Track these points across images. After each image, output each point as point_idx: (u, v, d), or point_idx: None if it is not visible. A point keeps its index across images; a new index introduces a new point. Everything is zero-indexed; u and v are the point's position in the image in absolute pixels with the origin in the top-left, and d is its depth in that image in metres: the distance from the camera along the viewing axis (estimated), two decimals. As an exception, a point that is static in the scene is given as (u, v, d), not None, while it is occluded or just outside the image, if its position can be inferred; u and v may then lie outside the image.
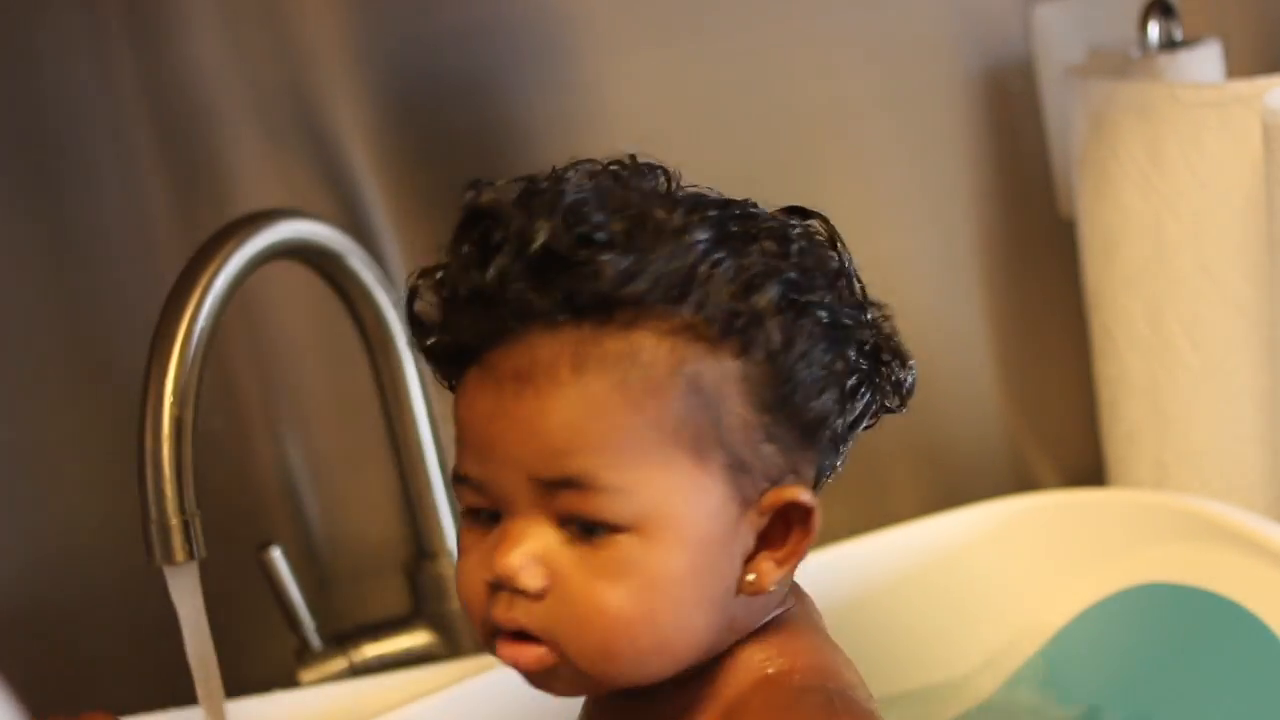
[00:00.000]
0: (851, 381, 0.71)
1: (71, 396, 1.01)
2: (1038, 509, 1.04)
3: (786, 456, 0.70)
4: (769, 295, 0.68)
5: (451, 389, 0.71)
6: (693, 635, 0.69)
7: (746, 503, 0.69)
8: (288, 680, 1.03)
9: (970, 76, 1.18)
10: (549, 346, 0.67)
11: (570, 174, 0.71)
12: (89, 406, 1.02)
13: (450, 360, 0.70)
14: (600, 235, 0.66)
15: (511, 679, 0.71)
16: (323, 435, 1.07)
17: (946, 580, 1.04)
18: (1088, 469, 1.22)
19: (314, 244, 0.94)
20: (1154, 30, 1.11)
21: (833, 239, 0.73)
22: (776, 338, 0.68)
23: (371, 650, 1.05)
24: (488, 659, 1.00)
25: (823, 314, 0.69)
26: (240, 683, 0.93)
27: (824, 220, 0.73)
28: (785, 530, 0.70)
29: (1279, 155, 0.97)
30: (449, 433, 1.05)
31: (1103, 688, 0.96)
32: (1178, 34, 1.11)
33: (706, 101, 1.11)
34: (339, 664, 1.04)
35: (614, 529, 0.67)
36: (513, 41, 1.06)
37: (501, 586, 0.68)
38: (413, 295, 0.71)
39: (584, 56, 1.08)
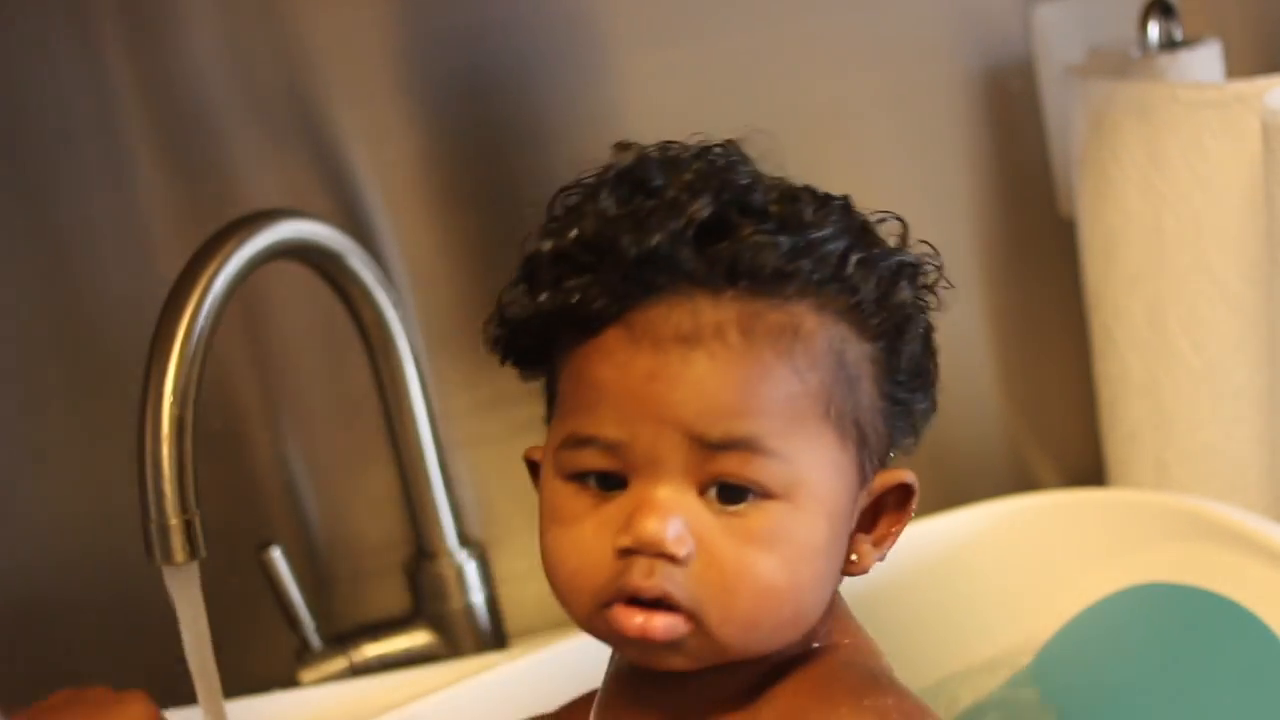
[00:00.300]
0: (935, 384, 0.78)
1: (72, 396, 1.01)
2: (1038, 509, 1.04)
3: (890, 442, 0.74)
4: (905, 292, 0.74)
5: (526, 357, 0.73)
6: (819, 607, 0.72)
7: (864, 482, 0.72)
8: (288, 680, 1.03)
9: (970, 76, 1.18)
10: (714, 312, 0.69)
11: (700, 150, 0.73)
12: (89, 406, 1.01)
13: (576, 324, 0.70)
14: (764, 211, 0.71)
15: (511, 679, 0.70)
16: (323, 435, 1.07)
17: (946, 580, 1.04)
18: (1088, 469, 1.22)
19: (314, 244, 0.94)
20: (1154, 30, 1.11)
21: (904, 239, 0.77)
22: (905, 330, 0.74)
23: (371, 650, 1.05)
24: (488, 659, 1.00)
25: (925, 322, 0.76)
26: (240, 683, 0.93)
27: (902, 222, 0.77)
28: (878, 513, 0.74)
29: (1279, 155, 0.97)
30: (449, 433, 1.05)
31: (1102, 687, 0.96)
32: (1178, 34, 1.11)
33: (707, 101, 1.11)
34: (339, 664, 1.04)
35: (766, 495, 0.68)
36: (513, 42, 1.06)
37: (639, 552, 0.68)
38: (542, 249, 0.71)
39: (586, 57, 1.08)
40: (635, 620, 0.68)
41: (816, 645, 0.73)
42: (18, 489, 1.01)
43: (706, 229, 0.69)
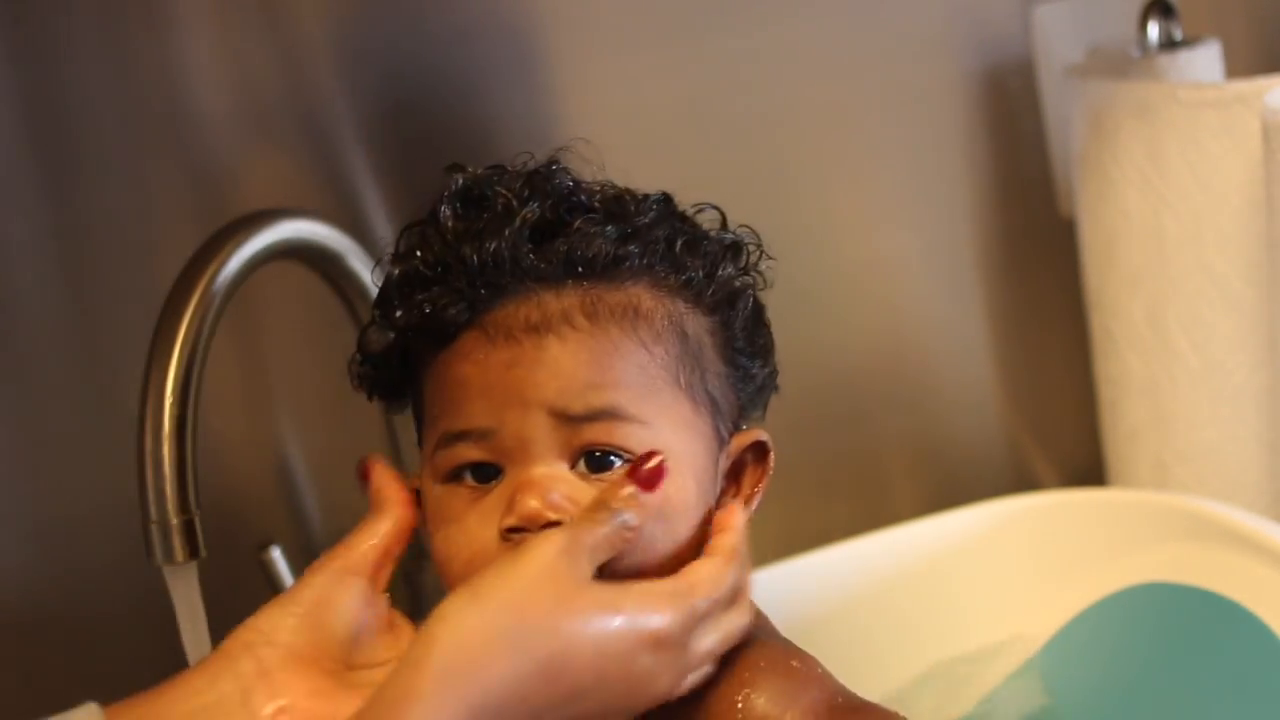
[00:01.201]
0: (772, 353, 0.83)
1: (71, 396, 1.01)
2: (1038, 509, 1.04)
3: (740, 408, 0.80)
4: (729, 270, 0.79)
5: (391, 389, 0.80)
6: (686, 563, 0.75)
7: (721, 443, 0.78)
8: (288, 680, 1.03)
9: (970, 76, 1.18)
10: (558, 302, 0.75)
11: (527, 164, 0.80)
12: (89, 406, 1.01)
13: (431, 335, 0.76)
14: (590, 208, 0.77)
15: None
16: (323, 435, 1.07)
17: (946, 580, 1.04)
18: (1088, 469, 1.22)
19: (314, 244, 0.93)
20: (1154, 30, 1.11)
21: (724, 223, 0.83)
22: (735, 302, 0.79)
23: (371, 650, 1.04)
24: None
25: (753, 294, 0.81)
26: (240, 683, 0.93)
27: (719, 211, 0.83)
28: (740, 473, 0.79)
29: (1279, 155, 0.97)
30: (449, 433, 1.05)
31: (1102, 687, 0.96)
32: (1178, 34, 1.11)
33: (707, 102, 1.11)
34: (339, 664, 1.03)
35: (630, 462, 0.73)
36: (514, 41, 1.06)
37: (524, 530, 0.72)
38: (392, 275, 0.77)
39: (586, 57, 1.08)
40: None
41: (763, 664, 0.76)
42: (18, 489, 1.01)
43: (540, 230, 0.76)
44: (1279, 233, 0.99)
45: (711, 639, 0.73)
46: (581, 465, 0.74)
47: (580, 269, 0.75)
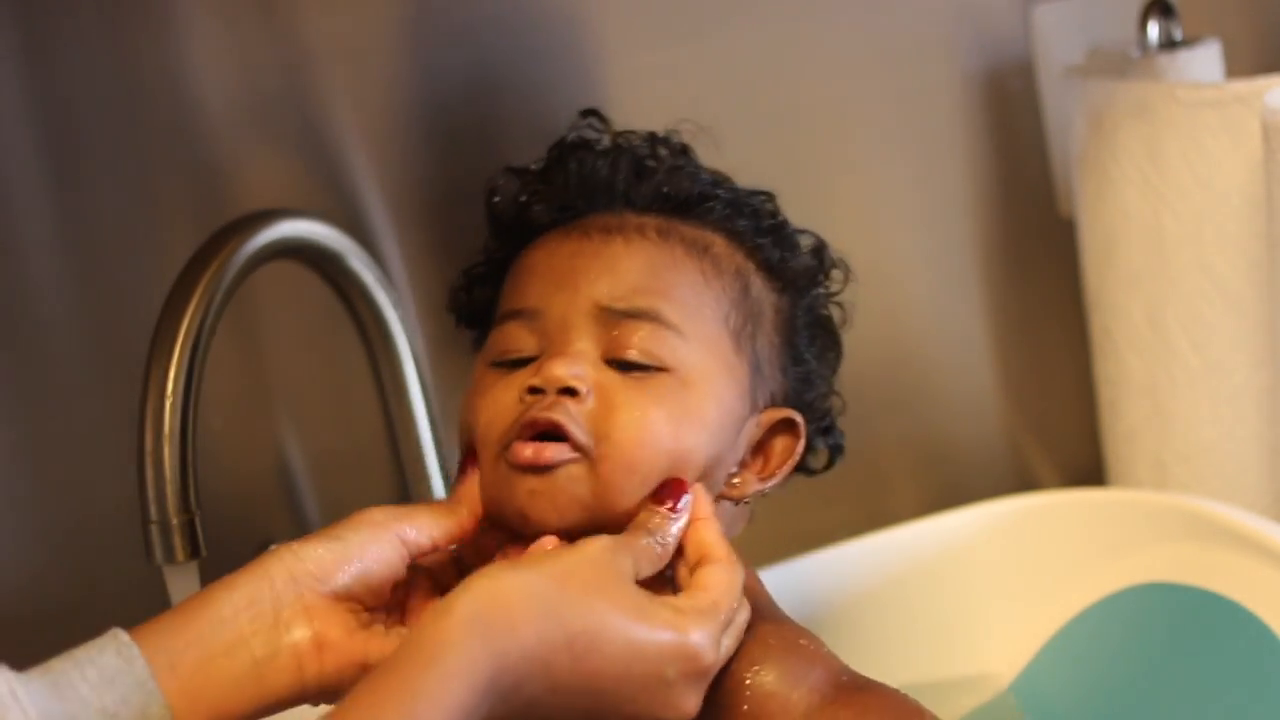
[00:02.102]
0: (831, 374, 0.87)
1: (71, 396, 1.01)
2: (1038, 509, 1.04)
3: (785, 392, 0.82)
4: (805, 260, 0.85)
5: (501, 265, 0.84)
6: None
7: (754, 408, 0.80)
8: (288, 680, 1.03)
9: (970, 76, 1.18)
10: (638, 219, 0.81)
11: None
12: (89, 406, 1.01)
13: (521, 229, 0.83)
14: (694, 162, 0.85)
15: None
16: (323, 435, 1.07)
17: (946, 580, 1.04)
18: (1088, 469, 1.22)
19: (314, 244, 0.93)
20: (1154, 30, 1.11)
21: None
22: (805, 293, 0.84)
23: (371, 650, 1.04)
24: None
25: (824, 301, 0.86)
26: (240, 683, 0.93)
27: (819, 237, 0.88)
28: (767, 454, 0.81)
29: (1278, 155, 0.97)
30: (449, 433, 1.05)
31: (1103, 687, 0.96)
32: (1177, 34, 1.11)
33: (706, 102, 1.11)
34: (339, 664, 1.03)
35: (661, 369, 0.76)
36: (513, 41, 1.06)
37: (543, 391, 0.75)
38: (505, 172, 0.86)
39: (586, 57, 1.08)
40: (527, 450, 0.74)
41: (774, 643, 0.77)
42: (18, 489, 1.01)
43: (642, 165, 0.84)
44: (1279, 233, 0.99)
45: (729, 643, 0.74)
46: (619, 365, 0.76)
47: (666, 199, 0.82)
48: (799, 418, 0.81)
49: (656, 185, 0.82)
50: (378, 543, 0.75)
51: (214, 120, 1.02)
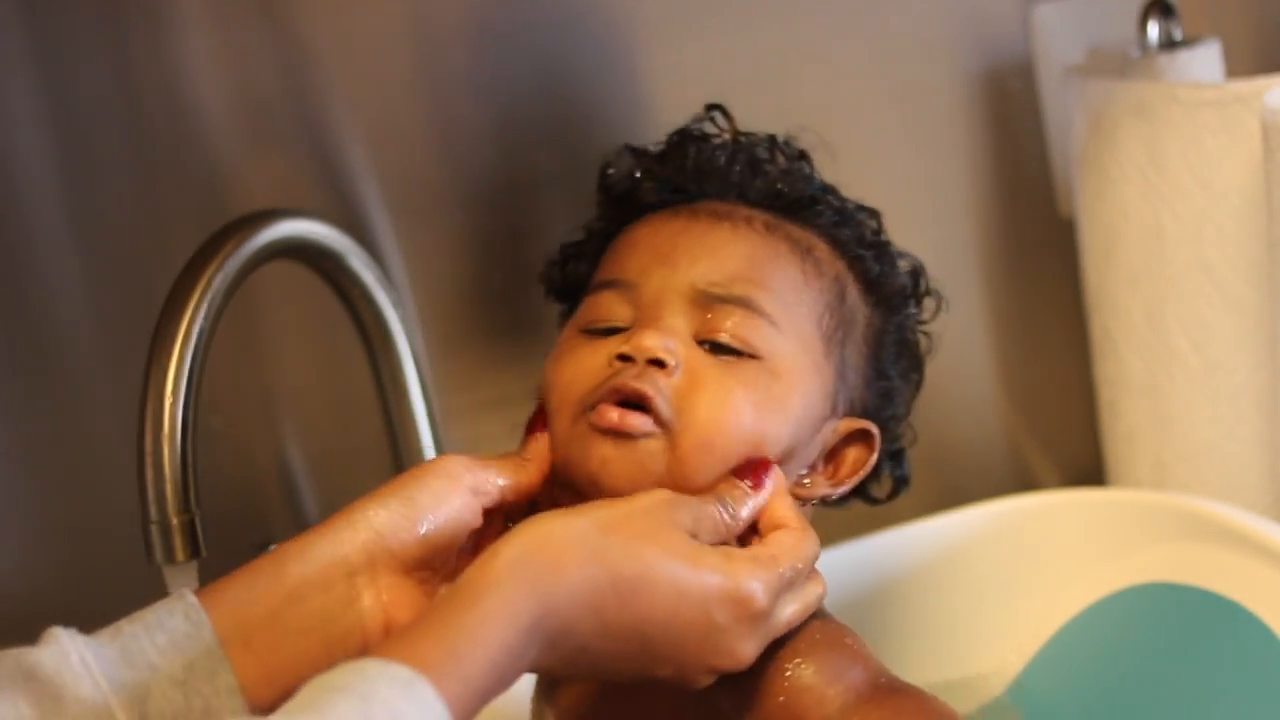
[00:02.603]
0: (911, 398, 0.88)
1: (72, 396, 1.01)
2: (1038, 509, 1.04)
3: (865, 405, 0.83)
4: (904, 280, 0.86)
5: (603, 238, 0.84)
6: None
7: (834, 411, 0.81)
8: (288, 680, 1.03)
9: (970, 76, 1.18)
10: (748, 210, 0.82)
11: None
12: (89, 406, 1.01)
13: (631, 205, 0.84)
14: (804, 157, 0.87)
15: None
16: (323, 435, 1.07)
17: (946, 581, 1.04)
18: (1088, 469, 1.22)
19: (314, 244, 0.93)
20: (1154, 30, 1.11)
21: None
22: (897, 311, 0.85)
23: (371, 650, 1.04)
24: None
25: (911, 329, 0.87)
26: (240, 683, 0.93)
27: (918, 262, 0.90)
28: (839, 461, 0.82)
29: (1279, 155, 0.97)
30: (449, 433, 1.05)
31: (1103, 687, 0.96)
32: (1177, 34, 1.11)
33: (704, 103, 1.11)
34: (339, 664, 1.03)
35: (751, 355, 0.76)
36: (513, 41, 1.06)
37: (631, 359, 0.75)
38: (628, 148, 0.87)
39: (586, 57, 1.08)
40: (613, 414, 0.74)
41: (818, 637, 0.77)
42: (18, 489, 1.01)
43: (760, 161, 0.85)
44: (1279, 233, 0.99)
45: (794, 608, 0.74)
46: (706, 346, 0.77)
47: (778, 197, 0.83)
48: (875, 430, 0.82)
49: (771, 182, 0.84)
50: (450, 499, 0.74)
51: (214, 120, 1.02)
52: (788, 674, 0.74)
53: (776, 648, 0.74)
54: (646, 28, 1.10)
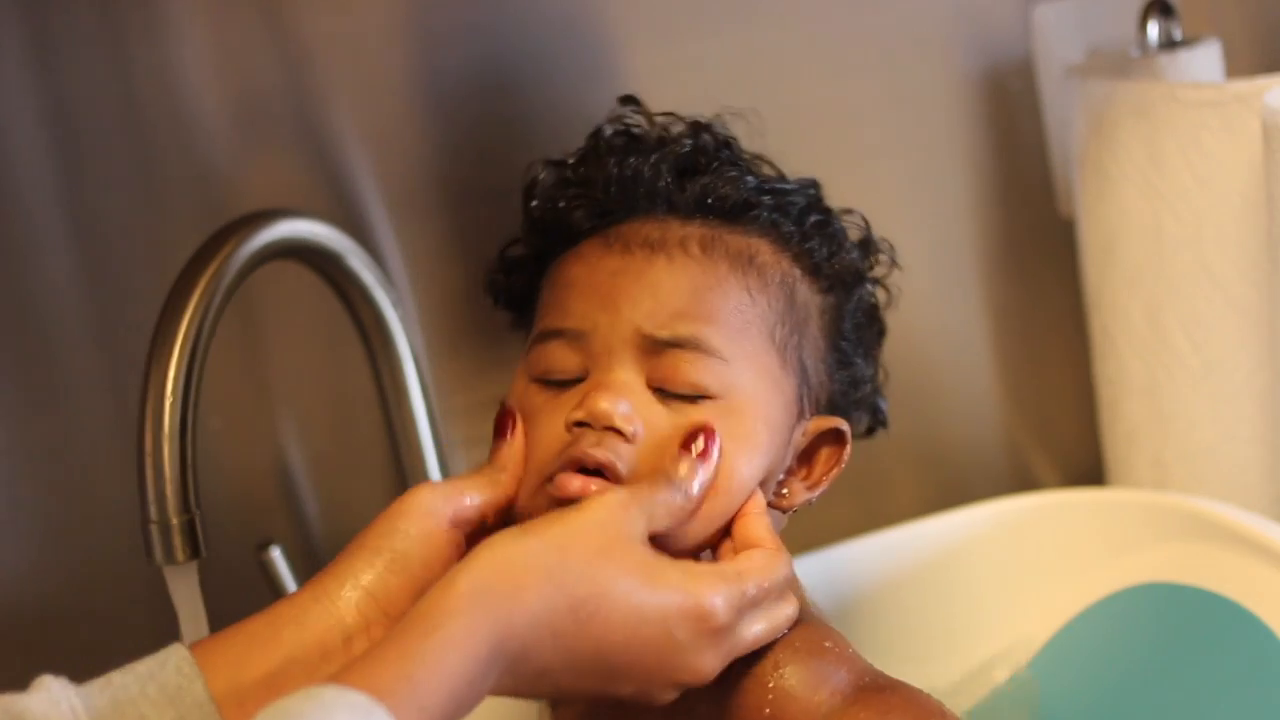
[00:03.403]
0: (878, 359, 0.85)
1: (72, 396, 1.01)
2: (1038, 509, 1.04)
3: (830, 393, 0.81)
4: (852, 257, 0.83)
5: (537, 259, 0.83)
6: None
7: (801, 417, 0.79)
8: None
9: (970, 76, 1.18)
10: (680, 229, 0.78)
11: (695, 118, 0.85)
12: (89, 405, 1.01)
13: (559, 232, 0.81)
14: (738, 159, 0.82)
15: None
16: (323, 435, 1.07)
17: (946, 580, 1.04)
18: (1088, 469, 1.22)
19: (314, 244, 0.93)
20: (1154, 30, 1.11)
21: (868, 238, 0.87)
22: (852, 291, 0.82)
23: (371, 650, 1.04)
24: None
25: (871, 291, 0.84)
26: (240, 683, 0.93)
27: (864, 219, 0.87)
28: (813, 458, 0.80)
29: (1279, 155, 0.97)
30: (449, 433, 1.05)
31: (1103, 687, 0.96)
32: (1177, 34, 1.11)
33: (705, 103, 1.11)
34: (339, 664, 1.03)
35: (705, 396, 0.75)
36: (512, 40, 1.06)
37: (589, 426, 0.74)
38: (541, 173, 0.84)
39: (585, 57, 1.08)
40: (575, 483, 0.73)
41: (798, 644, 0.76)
42: (18, 489, 1.01)
43: (684, 166, 0.80)
44: (1279, 233, 0.99)
45: (760, 627, 0.73)
46: (662, 391, 0.75)
47: (710, 205, 0.79)
48: (845, 427, 0.80)
49: (701, 191, 0.80)
50: (433, 540, 0.74)
51: (214, 120, 1.02)
52: (771, 685, 0.74)
53: (756, 659, 0.74)
54: (645, 27, 1.10)
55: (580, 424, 0.74)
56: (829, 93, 1.14)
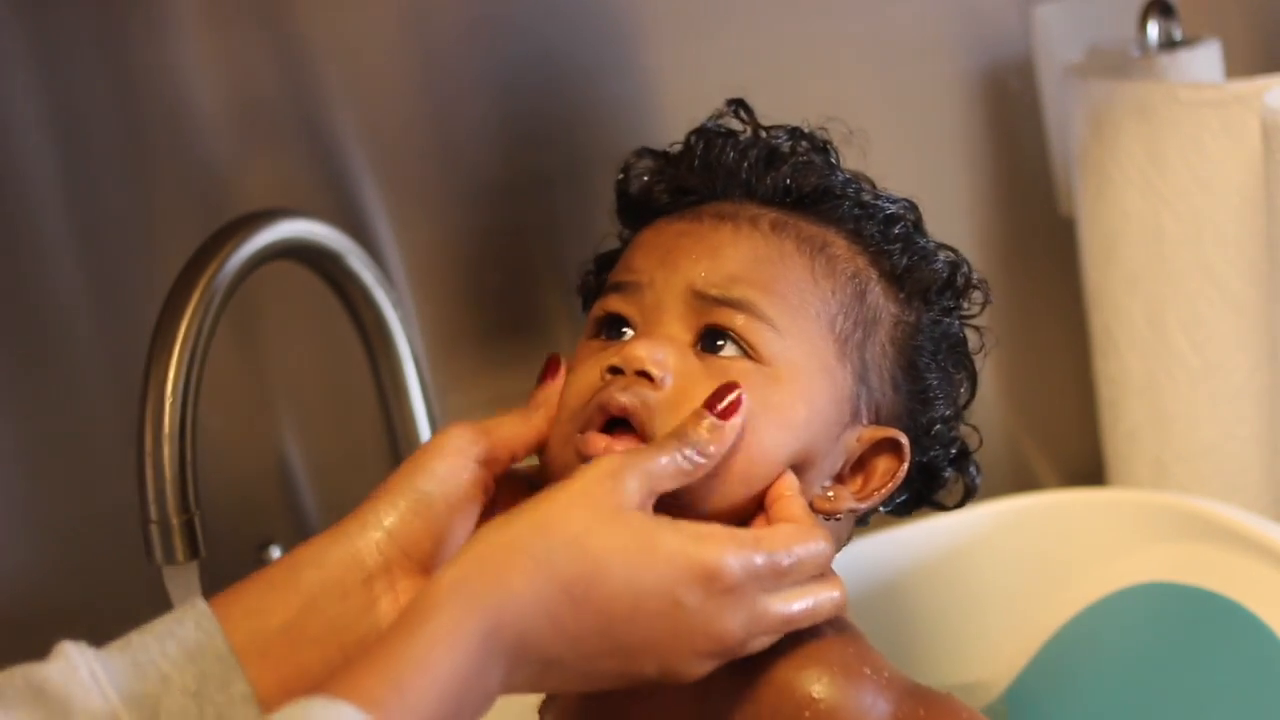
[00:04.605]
0: (960, 397, 0.81)
1: (72, 395, 1.01)
2: (1038, 509, 1.04)
3: (896, 410, 0.78)
4: (938, 274, 0.80)
5: (628, 228, 0.82)
6: (764, 481, 0.73)
7: (855, 419, 0.76)
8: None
9: (970, 76, 1.18)
10: (756, 209, 0.78)
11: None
12: (89, 405, 1.01)
13: (641, 209, 0.81)
14: (827, 150, 0.82)
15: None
16: (323, 435, 1.07)
17: (945, 580, 1.04)
18: (1088, 469, 1.22)
19: (314, 244, 0.93)
20: (1154, 30, 1.11)
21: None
22: (929, 308, 0.79)
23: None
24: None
25: (957, 325, 0.81)
26: (240, 683, 0.93)
27: (957, 254, 0.83)
28: (868, 473, 0.78)
29: (1278, 155, 0.97)
30: (449, 433, 1.05)
31: (1103, 687, 0.96)
32: (1177, 34, 1.11)
33: (704, 103, 1.11)
34: (339, 664, 1.03)
35: (751, 356, 0.73)
36: (513, 41, 1.06)
37: (621, 372, 0.73)
38: (642, 153, 0.84)
39: (585, 57, 1.08)
40: (600, 443, 0.72)
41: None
42: (18, 489, 1.01)
43: (772, 157, 0.80)
44: (1279, 233, 0.99)
45: (799, 604, 0.70)
46: (704, 345, 0.74)
47: (789, 191, 0.79)
48: (903, 438, 0.77)
49: (781, 177, 0.79)
50: (458, 480, 0.72)
51: (214, 120, 1.02)
52: (803, 700, 0.71)
53: (789, 668, 0.72)
54: (645, 27, 1.10)
55: (615, 370, 0.73)
56: (829, 92, 1.14)
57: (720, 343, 0.74)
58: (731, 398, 0.71)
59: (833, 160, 0.82)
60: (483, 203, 1.07)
